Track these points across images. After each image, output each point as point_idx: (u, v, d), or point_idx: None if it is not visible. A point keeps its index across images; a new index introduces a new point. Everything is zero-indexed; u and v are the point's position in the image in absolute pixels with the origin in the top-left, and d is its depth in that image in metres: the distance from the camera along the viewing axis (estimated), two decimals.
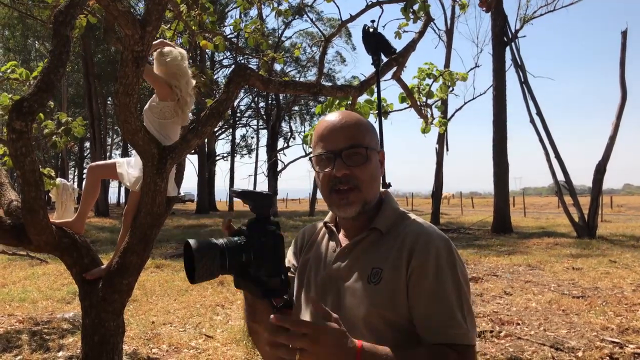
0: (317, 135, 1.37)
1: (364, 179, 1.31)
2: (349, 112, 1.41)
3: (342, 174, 1.30)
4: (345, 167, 1.30)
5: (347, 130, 1.33)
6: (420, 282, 1.23)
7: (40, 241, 3.00)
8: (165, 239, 14.80)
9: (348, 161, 1.30)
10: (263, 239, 1.12)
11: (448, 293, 1.22)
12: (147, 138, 2.99)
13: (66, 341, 4.96)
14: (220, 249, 1.08)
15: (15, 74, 5.27)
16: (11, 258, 10.17)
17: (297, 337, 1.03)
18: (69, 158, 44.62)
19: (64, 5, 2.99)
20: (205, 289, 7.44)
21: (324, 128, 1.35)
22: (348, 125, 1.33)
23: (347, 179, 1.31)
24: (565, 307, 6.07)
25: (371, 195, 1.34)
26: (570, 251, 11.13)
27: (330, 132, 1.34)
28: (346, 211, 1.33)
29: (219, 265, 1.06)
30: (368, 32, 4.11)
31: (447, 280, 1.23)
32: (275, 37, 36.21)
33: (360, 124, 1.35)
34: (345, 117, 1.36)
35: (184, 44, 5.31)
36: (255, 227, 1.13)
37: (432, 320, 1.21)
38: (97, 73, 30.09)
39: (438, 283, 1.22)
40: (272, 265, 1.11)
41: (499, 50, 17.47)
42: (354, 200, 1.31)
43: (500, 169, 17.43)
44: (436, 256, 1.24)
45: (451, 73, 5.48)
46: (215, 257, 1.06)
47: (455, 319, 1.20)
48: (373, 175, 1.34)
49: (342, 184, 1.31)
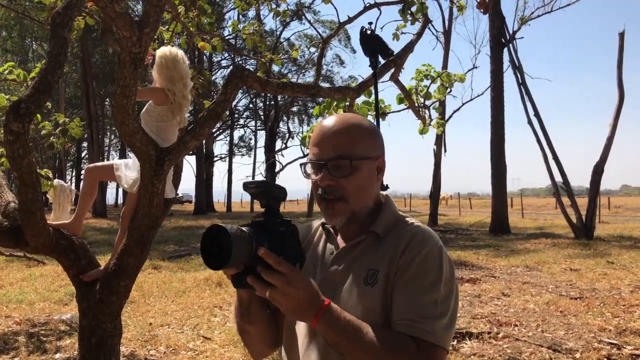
0: (311, 140, 1.35)
1: (350, 191, 1.29)
2: (347, 116, 1.36)
3: (326, 184, 1.29)
4: (329, 178, 1.28)
5: (336, 139, 1.29)
6: (403, 273, 1.23)
7: (37, 243, 2.99)
8: (163, 240, 14.78)
9: (333, 172, 1.28)
10: (282, 228, 1.16)
11: (425, 289, 1.21)
12: (144, 140, 2.98)
13: (63, 343, 4.95)
14: (249, 236, 1.09)
15: (12, 75, 5.26)
16: (8, 259, 10.14)
17: (273, 273, 1.09)
18: (67, 159, 44.55)
19: (61, 6, 2.99)
20: (202, 290, 7.44)
21: (317, 133, 1.33)
22: (339, 133, 1.30)
23: (331, 189, 1.29)
24: (563, 309, 6.08)
25: (359, 206, 1.31)
26: (568, 252, 11.14)
27: (320, 139, 1.32)
28: (332, 220, 1.33)
29: (247, 254, 1.08)
30: (365, 34, 4.12)
31: (428, 277, 1.22)
32: (274, 38, 36.25)
33: (354, 131, 1.31)
34: (338, 124, 1.32)
35: (182, 45, 5.31)
36: (273, 217, 1.16)
37: (403, 310, 1.21)
38: (95, 74, 30.07)
39: (418, 277, 1.22)
40: (291, 254, 1.15)
41: (496, 51, 17.50)
42: (340, 210, 1.30)
43: (498, 170, 17.45)
44: (425, 255, 1.24)
45: (449, 74, 5.50)
46: (246, 243, 1.07)
47: (425, 315, 1.19)
48: (361, 186, 1.30)
49: (327, 194, 1.29)
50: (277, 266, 1.10)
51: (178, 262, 10.39)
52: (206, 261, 1.06)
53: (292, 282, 1.11)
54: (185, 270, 9.26)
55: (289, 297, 1.11)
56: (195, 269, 9.33)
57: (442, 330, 1.20)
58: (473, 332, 5.11)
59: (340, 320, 1.16)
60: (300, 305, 1.13)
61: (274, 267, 1.10)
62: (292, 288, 1.11)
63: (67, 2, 2.97)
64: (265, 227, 1.14)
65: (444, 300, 1.22)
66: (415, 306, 1.20)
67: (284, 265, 1.11)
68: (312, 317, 1.14)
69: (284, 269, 1.10)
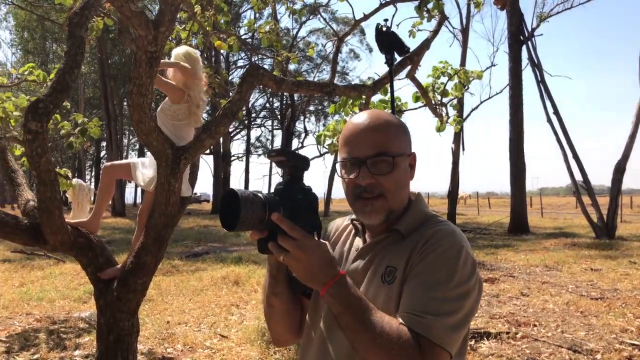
0: (343, 139, 1.32)
1: (389, 188, 1.26)
2: (378, 112, 1.33)
3: (367, 183, 1.26)
4: (370, 176, 1.25)
5: (373, 136, 1.26)
6: (415, 267, 1.21)
7: (55, 241, 3.02)
8: (181, 239, 14.90)
9: (373, 169, 1.25)
10: (300, 196, 1.18)
11: (432, 285, 1.17)
12: (160, 138, 3.00)
13: (82, 340, 5.00)
14: (263, 201, 1.12)
15: (32, 76, 5.34)
16: (30, 257, 10.31)
17: (287, 238, 1.13)
18: (86, 159, 45.16)
19: (78, 7, 3.02)
20: (220, 288, 7.47)
21: (350, 131, 1.30)
22: (375, 130, 1.27)
23: (372, 187, 1.26)
24: (583, 309, 5.98)
25: (397, 203, 1.29)
26: (588, 252, 10.97)
27: (355, 137, 1.28)
28: (370, 218, 1.30)
29: (259, 218, 1.11)
30: (381, 31, 4.09)
31: (439, 274, 1.18)
32: (290, 36, 36.30)
33: (389, 127, 1.29)
34: (373, 121, 1.28)
35: (199, 45, 5.34)
36: (292, 186, 1.19)
37: (407, 303, 1.18)
38: (113, 74, 30.42)
39: (429, 273, 1.18)
40: (307, 222, 1.17)
41: (515, 48, 17.32)
42: (379, 207, 1.27)
43: (517, 169, 17.27)
44: (442, 252, 1.20)
45: (466, 71, 5.44)
46: (258, 208, 1.11)
47: (428, 310, 1.14)
48: (400, 183, 1.28)
49: (367, 193, 1.27)
50: (290, 231, 1.13)
51: (195, 261, 10.46)
52: (222, 223, 1.11)
53: (304, 248, 1.13)
54: (203, 269, 9.31)
55: (300, 262, 1.14)
56: (212, 267, 9.38)
57: (443, 329, 1.14)
58: (491, 332, 5.05)
59: (350, 295, 1.15)
60: (312, 271, 1.15)
61: (287, 232, 1.13)
62: (304, 254, 1.13)
63: (84, 2, 3.00)
64: (283, 194, 1.17)
65: (454, 300, 1.16)
66: (419, 300, 1.16)
67: (296, 231, 1.13)
68: (322, 285, 1.16)
69: (297, 235, 1.13)
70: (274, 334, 1.49)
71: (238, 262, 9.88)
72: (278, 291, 1.35)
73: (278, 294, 1.36)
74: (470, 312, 1.20)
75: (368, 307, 1.15)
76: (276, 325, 1.45)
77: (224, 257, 10.85)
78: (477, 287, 1.22)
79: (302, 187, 1.20)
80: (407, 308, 1.17)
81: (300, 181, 1.21)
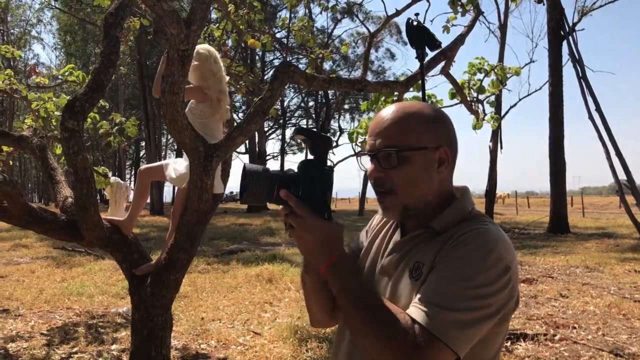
0: (368, 131, 1.32)
1: (398, 183, 1.22)
2: (404, 104, 1.28)
3: (375, 176, 1.25)
4: (378, 170, 1.23)
5: (387, 129, 1.23)
6: (442, 259, 1.15)
7: (91, 237, 3.10)
8: (217, 237, 15.08)
9: (383, 163, 1.22)
10: (314, 176, 1.19)
11: (448, 279, 1.10)
12: (193, 136, 3.02)
13: (119, 335, 5.11)
14: (271, 177, 1.18)
15: (72, 77, 5.49)
16: (71, 254, 10.61)
17: (293, 215, 1.17)
18: (126, 158, 46.25)
19: (113, 7, 3.08)
20: (254, 286, 7.52)
21: (372, 123, 1.29)
22: (390, 122, 1.23)
23: (380, 182, 1.24)
24: (626, 312, 5.77)
25: (412, 200, 1.23)
26: (632, 254, 10.59)
27: (373, 129, 1.27)
28: (385, 214, 1.28)
29: (266, 193, 1.17)
30: (412, 25, 4.03)
31: (459, 270, 1.11)
32: (325, 35, 36.32)
33: (406, 119, 1.23)
34: (392, 113, 1.25)
35: (233, 43, 5.38)
36: (308, 165, 1.21)
37: (421, 292, 1.12)
38: (151, 75, 31.04)
39: (448, 268, 1.12)
40: (316, 203, 1.19)
41: (555, 44, 16.87)
42: (390, 204, 1.24)
43: (557, 167, 16.83)
44: (469, 250, 1.13)
45: (503, 68, 5.33)
46: (264, 183, 1.17)
47: (435, 302, 1.08)
48: (412, 178, 1.22)
49: (377, 187, 1.25)
50: (296, 209, 1.17)
51: (230, 259, 10.57)
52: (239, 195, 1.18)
53: (307, 226, 1.16)
54: (237, 266, 9.40)
55: (302, 239, 1.18)
56: (246, 265, 9.46)
57: (446, 322, 1.06)
58: (528, 333, 4.93)
59: (347, 276, 1.17)
60: (313, 248, 1.19)
61: (293, 209, 1.17)
62: (306, 231, 1.17)
63: (119, 2, 3.06)
64: (299, 172, 1.21)
65: (468, 300, 1.08)
66: (431, 292, 1.10)
67: (301, 209, 1.17)
68: (322, 263, 1.19)
69: (301, 212, 1.17)
70: (310, 314, 1.49)
71: (272, 260, 9.93)
72: (309, 268, 1.36)
73: (309, 271, 1.37)
74: (485, 318, 1.10)
75: (367, 292, 1.15)
76: (310, 304, 1.46)
77: (258, 255, 10.93)
78: (502, 295, 1.12)
79: (318, 165, 1.21)
80: (417, 298, 1.12)
81: (321, 160, 1.21)
